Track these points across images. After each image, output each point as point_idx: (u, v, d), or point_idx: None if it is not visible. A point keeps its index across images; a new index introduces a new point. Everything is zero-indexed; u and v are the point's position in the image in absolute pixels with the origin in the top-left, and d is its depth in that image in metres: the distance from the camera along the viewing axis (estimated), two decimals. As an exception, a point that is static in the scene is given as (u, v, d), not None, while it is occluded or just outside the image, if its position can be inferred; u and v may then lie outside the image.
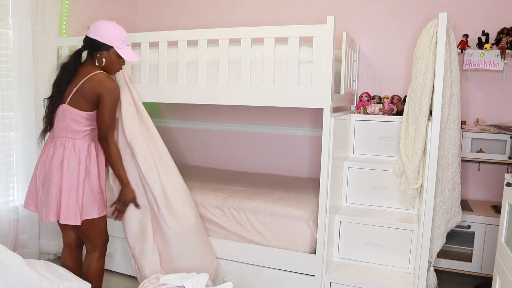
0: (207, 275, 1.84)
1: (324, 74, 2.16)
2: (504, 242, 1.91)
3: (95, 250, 2.20)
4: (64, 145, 2.04)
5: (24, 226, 2.79)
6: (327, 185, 2.22)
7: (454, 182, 2.35)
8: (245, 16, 3.51)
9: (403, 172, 2.38)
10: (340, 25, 3.05)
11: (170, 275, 1.86)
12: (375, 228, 2.40)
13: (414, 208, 2.50)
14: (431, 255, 2.34)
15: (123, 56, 2.11)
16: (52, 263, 2.02)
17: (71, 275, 1.98)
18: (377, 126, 2.65)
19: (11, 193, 2.74)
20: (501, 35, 2.70)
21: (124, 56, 2.12)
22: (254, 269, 2.46)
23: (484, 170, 2.97)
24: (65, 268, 2.08)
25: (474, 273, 2.69)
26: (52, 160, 2.04)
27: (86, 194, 2.06)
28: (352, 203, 2.61)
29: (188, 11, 3.71)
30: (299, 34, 2.18)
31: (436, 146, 2.10)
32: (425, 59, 2.18)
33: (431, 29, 2.15)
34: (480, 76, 2.93)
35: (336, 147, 2.30)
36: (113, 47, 2.09)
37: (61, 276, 1.92)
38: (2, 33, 2.64)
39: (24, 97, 2.70)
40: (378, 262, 2.42)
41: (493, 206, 2.79)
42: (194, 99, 2.46)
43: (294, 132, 3.44)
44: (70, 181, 2.01)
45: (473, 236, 2.68)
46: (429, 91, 2.18)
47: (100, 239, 2.21)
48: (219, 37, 2.34)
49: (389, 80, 3.15)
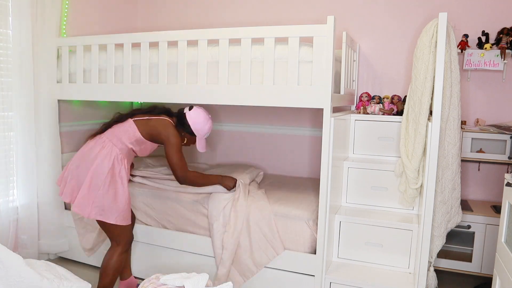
0: (207, 275, 1.83)
1: (324, 74, 2.16)
2: (504, 242, 1.91)
3: (118, 245, 2.30)
4: (104, 145, 2.23)
5: (24, 226, 2.79)
6: (327, 185, 2.22)
7: (454, 182, 2.35)
8: (245, 16, 3.51)
9: (403, 172, 2.38)
10: (340, 25, 3.05)
11: (170, 275, 1.85)
12: (375, 228, 2.40)
13: (414, 208, 2.50)
14: (431, 255, 2.34)
15: (198, 147, 2.46)
16: (52, 263, 2.02)
17: (71, 275, 1.98)
18: (377, 126, 2.65)
19: (11, 193, 2.74)
20: (501, 35, 2.70)
21: (199, 147, 2.46)
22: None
23: (484, 170, 2.97)
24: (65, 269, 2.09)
25: (474, 273, 2.69)
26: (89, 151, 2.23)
27: (108, 197, 2.17)
28: (352, 203, 2.61)
29: (188, 11, 3.71)
30: (299, 34, 2.18)
31: (436, 146, 2.10)
32: (425, 59, 2.17)
33: (431, 29, 2.14)
34: (480, 76, 2.93)
35: (336, 147, 2.30)
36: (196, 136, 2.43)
37: (61, 276, 1.92)
38: (2, 33, 2.64)
39: (24, 97, 2.70)
40: (378, 262, 2.42)
41: (493, 206, 2.79)
42: (194, 99, 2.46)
43: (294, 132, 3.44)
44: (95, 177, 2.16)
45: (473, 236, 2.68)
46: (429, 91, 2.18)
47: (124, 238, 2.31)
48: (219, 37, 2.34)
49: (389, 80, 3.15)
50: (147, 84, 2.57)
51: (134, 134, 2.28)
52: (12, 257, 1.76)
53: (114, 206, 2.19)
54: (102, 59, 2.73)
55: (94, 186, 2.15)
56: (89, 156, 2.21)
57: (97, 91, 2.75)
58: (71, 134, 3.23)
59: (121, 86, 2.67)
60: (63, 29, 3.04)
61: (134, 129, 2.28)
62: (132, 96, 2.67)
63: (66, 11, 3.06)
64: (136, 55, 2.61)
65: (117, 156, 2.22)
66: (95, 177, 2.16)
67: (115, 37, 2.65)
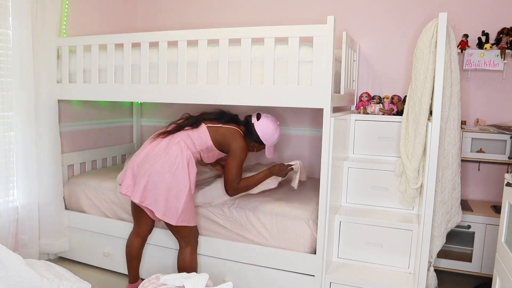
0: (207, 275, 1.83)
1: (324, 74, 2.16)
2: (504, 242, 1.91)
3: (188, 245, 2.30)
4: (179, 146, 2.23)
5: (24, 226, 2.79)
6: (327, 185, 2.22)
7: (454, 182, 2.35)
8: (245, 16, 3.51)
9: (403, 172, 2.38)
10: (340, 25, 3.05)
11: (170, 275, 1.86)
12: (375, 228, 2.40)
13: (414, 208, 2.50)
14: (431, 255, 2.34)
15: (267, 154, 2.45)
16: (52, 263, 2.02)
17: (71, 275, 1.98)
18: (377, 126, 2.65)
19: (11, 193, 2.74)
20: (501, 35, 2.70)
21: (268, 154, 2.45)
22: (254, 269, 2.46)
23: (484, 170, 2.97)
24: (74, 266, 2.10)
25: (474, 273, 2.69)
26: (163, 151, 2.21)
27: (186, 200, 2.19)
28: (352, 203, 2.61)
29: (188, 11, 3.71)
30: (299, 34, 2.18)
31: (436, 146, 2.10)
32: (425, 59, 2.17)
33: (431, 29, 2.14)
34: (480, 76, 2.93)
35: (336, 147, 2.30)
36: None
37: (61, 276, 1.92)
38: (2, 33, 2.64)
39: (24, 97, 2.70)
40: (378, 262, 2.42)
41: (493, 206, 2.79)
42: (194, 99, 2.46)
43: (294, 132, 3.44)
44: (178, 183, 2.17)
45: (473, 236, 2.68)
46: (429, 91, 2.18)
47: (193, 236, 2.32)
48: (219, 37, 2.34)
49: (389, 80, 3.15)
50: (147, 84, 2.57)
51: (206, 141, 2.29)
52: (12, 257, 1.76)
53: (189, 207, 2.20)
54: (102, 59, 2.73)
55: (169, 187, 2.15)
56: (164, 156, 2.20)
57: (97, 91, 2.75)
58: (71, 134, 3.24)
59: (121, 86, 2.67)
60: (63, 29, 3.05)
61: (207, 136, 2.29)
62: (132, 96, 2.67)
63: (66, 11, 3.07)
64: (136, 55, 2.61)
65: (189, 158, 2.23)
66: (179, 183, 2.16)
67: (115, 37, 2.65)
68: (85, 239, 2.95)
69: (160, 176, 2.16)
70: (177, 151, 2.21)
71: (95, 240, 2.91)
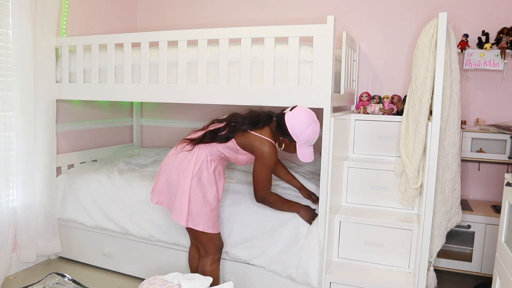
0: (210, 278, 1.82)
1: (324, 74, 2.16)
2: (504, 242, 1.91)
3: (207, 255, 2.16)
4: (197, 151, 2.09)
5: (23, 226, 2.78)
6: (327, 185, 2.22)
7: (454, 182, 2.35)
8: (245, 16, 3.51)
9: (403, 172, 2.38)
10: (340, 25, 3.05)
11: (170, 275, 1.85)
12: (375, 228, 2.40)
13: (414, 208, 2.50)
14: (431, 255, 2.34)
15: (299, 155, 2.08)
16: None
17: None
18: (377, 126, 2.65)
19: (10, 193, 2.74)
20: (501, 35, 2.70)
21: (300, 156, 2.08)
22: (254, 268, 2.46)
23: (484, 170, 2.97)
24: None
25: (474, 273, 2.69)
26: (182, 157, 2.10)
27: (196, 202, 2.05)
28: (352, 203, 2.61)
29: (188, 11, 3.71)
30: (299, 34, 2.18)
31: (436, 146, 2.10)
32: (425, 59, 2.17)
33: (431, 29, 2.14)
34: (480, 76, 2.93)
35: (336, 147, 2.30)
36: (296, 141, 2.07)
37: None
38: (2, 33, 2.64)
39: (24, 97, 2.69)
40: (378, 262, 2.42)
41: (493, 206, 2.79)
42: (194, 99, 2.46)
43: (294, 132, 3.44)
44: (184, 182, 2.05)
45: (473, 236, 2.68)
46: (429, 91, 2.18)
47: (213, 245, 2.16)
48: (219, 37, 2.34)
49: (389, 80, 3.15)
50: (147, 84, 2.57)
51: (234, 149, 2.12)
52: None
53: (201, 212, 2.06)
54: (102, 59, 2.73)
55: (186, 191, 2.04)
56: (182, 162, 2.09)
57: (97, 91, 2.75)
58: (71, 134, 3.24)
59: (121, 86, 2.67)
60: (63, 29, 3.05)
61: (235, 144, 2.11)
62: (132, 96, 2.67)
63: (66, 11, 3.07)
64: (136, 55, 2.61)
65: (206, 159, 2.08)
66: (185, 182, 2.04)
67: (115, 37, 2.65)
68: (85, 239, 2.95)
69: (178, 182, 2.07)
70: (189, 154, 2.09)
71: (95, 240, 2.91)
